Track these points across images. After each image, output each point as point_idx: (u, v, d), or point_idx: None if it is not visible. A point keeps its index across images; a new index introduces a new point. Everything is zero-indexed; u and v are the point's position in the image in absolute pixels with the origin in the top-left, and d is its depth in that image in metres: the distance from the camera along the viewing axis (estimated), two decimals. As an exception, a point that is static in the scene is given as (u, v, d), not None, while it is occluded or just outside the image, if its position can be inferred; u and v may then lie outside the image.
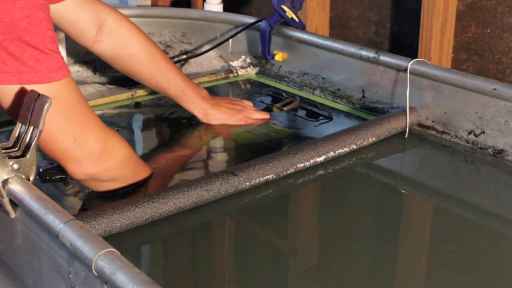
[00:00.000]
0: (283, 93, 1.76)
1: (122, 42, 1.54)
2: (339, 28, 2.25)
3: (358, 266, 1.09)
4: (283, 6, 1.76)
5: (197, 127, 1.58)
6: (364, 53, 1.61)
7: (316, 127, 1.60)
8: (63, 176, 1.31)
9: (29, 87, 1.08)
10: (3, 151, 0.98)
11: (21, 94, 1.08)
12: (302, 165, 1.32)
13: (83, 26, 1.50)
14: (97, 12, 1.50)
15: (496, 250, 1.13)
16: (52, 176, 1.31)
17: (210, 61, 1.97)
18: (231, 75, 1.94)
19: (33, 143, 1.00)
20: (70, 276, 0.85)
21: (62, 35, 1.73)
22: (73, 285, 0.85)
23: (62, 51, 1.75)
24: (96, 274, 0.78)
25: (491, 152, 1.40)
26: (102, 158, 1.17)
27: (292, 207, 1.32)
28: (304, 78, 1.80)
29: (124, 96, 1.76)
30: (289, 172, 1.31)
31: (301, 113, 1.68)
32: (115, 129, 1.50)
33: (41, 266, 0.94)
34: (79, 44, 1.57)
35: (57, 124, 1.12)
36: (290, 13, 1.77)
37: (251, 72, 1.94)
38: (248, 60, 1.95)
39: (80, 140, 1.15)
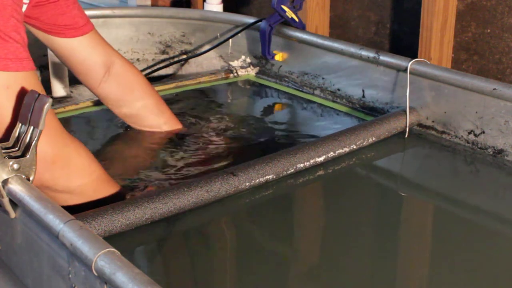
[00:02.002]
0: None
1: (129, 85, 1.53)
2: (339, 28, 2.25)
3: (358, 266, 1.09)
4: (283, 6, 1.76)
5: (197, 128, 1.58)
6: (364, 53, 1.61)
7: (316, 127, 1.60)
8: None
9: None
10: (3, 151, 0.98)
11: None
12: (302, 165, 1.32)
13: (92, 65, 1.50)
14: (107, 54, 1.51)
15: (495, 249, 1.13)
16: None
17: (210, 61, 1.97)
18: (231, 75, 1.94)
19: (33, 143, 1.00)
20: (70, 276, 0.85)
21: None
22: (73, 285, 0.85)
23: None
24: (96, 274, 0.78)
25: (491, 152, 1.40)
26: (55, 164, 1.10)
27: (292, 207, 1.32)
28: (304, 78, 1.80)
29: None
30: (289, 172, 1.31)
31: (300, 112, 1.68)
32: (122, 130, 1.49)
33: (41, 266, 0.94)
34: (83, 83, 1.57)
35: (9, 118, 1.05)
36: (290, 13, 1.77)
37: (251, 72, 1.94)
38: (248, 60, 1.95)
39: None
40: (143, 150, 1.50)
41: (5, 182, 0.96)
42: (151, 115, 1.56)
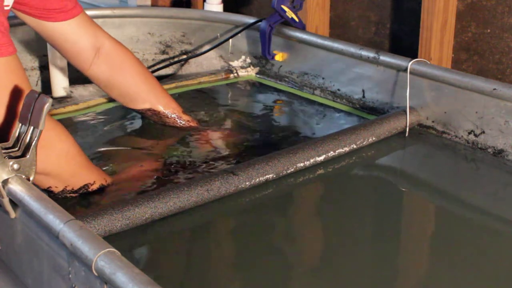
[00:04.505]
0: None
1: (120, 65, 1.55)
2: (339, 28, 2.25)
3: (358, 265, 1.09)
4: (283, 6, 1.76)
5: (198, 127, 1.58)
6: (364, 53, 1.61)
7: (316, 127, 1.60)
8: None
9: None
10: (3, 151, 0.98)
11: None
12: (302, 164, 1.32)
13: (83, 47, 1.51)
14: (96, 36, 1.53)
15: (496, 249, 1.13)
16: None
17: (210, 61, 1.97)
18: (231, 75, 1.94)
19: (33, 143, 0.99)
20: (70, 276, 0.85)
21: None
22: (73, 285, 0.85)
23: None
24: (96, 274, 0.78)
25: (491, 152, 1.40)
26: None
27: (292, 206, 1.32)
28: (304, 78, 1.80)
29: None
30: (289, 171, 1.31)
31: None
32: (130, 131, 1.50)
33: (41, 266, 0.94)
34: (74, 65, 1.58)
35: None
36: (290, 13, 1.77)
37: (251, 72, 1.94)
38: (248, 60, 1.95)
39: (13, 125, 1.09)
40: (143, 150, 1.50)
41: (5, 182, 0.96)
42: (143, 93, 1.57)
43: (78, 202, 1.26)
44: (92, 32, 1.52)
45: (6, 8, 1.15)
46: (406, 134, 1.49)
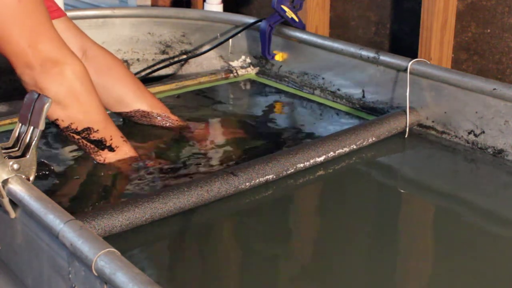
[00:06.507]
0: None
1: (107, 66, 1.56)
2: (339, 28, 2.25)
3: (358, 265, 1.09)
4: (283, 6, 1.76)
5: (198, 127, 1.58)
6: (364, 53, 1.61)
7: (316, 127, 1.60)
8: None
9: None
10: (3, 151, 0.98)
11: None
12: (302, 165, 1.32)
13: (71, 48, 1.51)
14: (82, 39, 1.55)
15: (496, 249, 1.13)
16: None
17: (210, 61, 1.97)
18: (231, 75, 1.94)
19: (33, 143, 1.00)
20: (70, 276, 0.85)
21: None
22: (73, 285, 0.85)
23: None
24: (96, 274, 0.78)
25: (491, 152, 1.40)
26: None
27: (292, 207, 1.32)
28: (304, 78, 1.80)
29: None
30: (289, 172, 1.31)
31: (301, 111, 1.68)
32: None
33: (41, 266, 0.94)
34: None
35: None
36: (290, 13, 1.77)
37: (251, 72, 1.94)
38: (248, 60, 1.95)
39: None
40: (143, 149, 1.50)
41: (5, 182, 0.96)
42: (131, 94, 1.58)
43: (78, 202, 1.26)
44: (77, 35, 1.53)
45: None
46: (406, 134, 1.49)
